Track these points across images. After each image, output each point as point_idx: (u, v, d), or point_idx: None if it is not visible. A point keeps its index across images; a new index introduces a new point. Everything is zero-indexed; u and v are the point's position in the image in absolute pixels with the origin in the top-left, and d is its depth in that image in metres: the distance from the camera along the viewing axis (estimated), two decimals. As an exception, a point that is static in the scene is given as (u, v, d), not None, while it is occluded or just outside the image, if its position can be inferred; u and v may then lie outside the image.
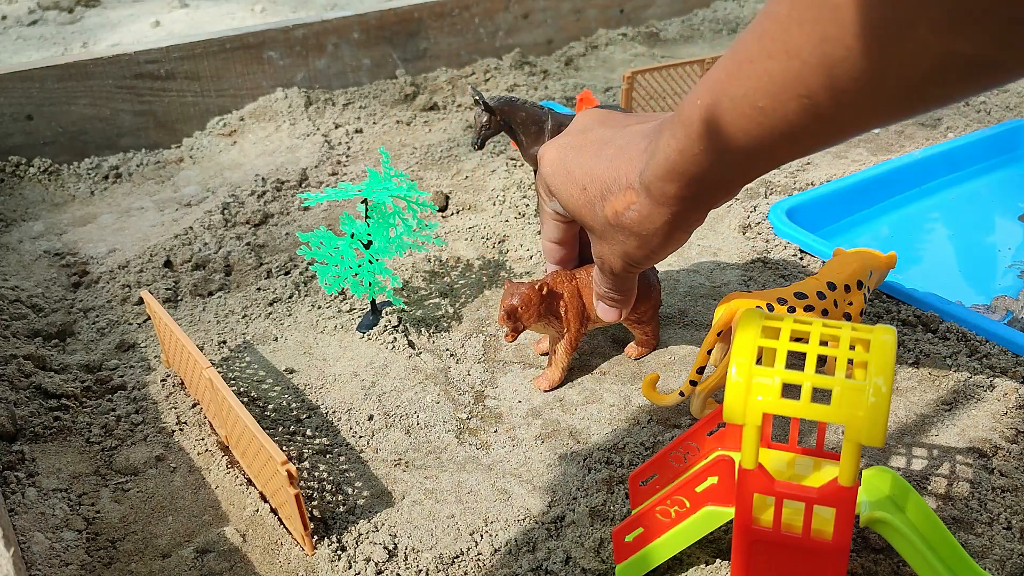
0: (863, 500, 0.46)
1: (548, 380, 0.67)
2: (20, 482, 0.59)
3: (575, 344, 0.66)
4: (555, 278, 0.64)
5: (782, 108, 0.39)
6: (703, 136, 0.44)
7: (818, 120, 0.39)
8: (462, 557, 0.53)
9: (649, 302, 0.67)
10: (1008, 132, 1.04)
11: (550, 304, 0.64)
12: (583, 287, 0.65)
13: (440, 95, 1.26)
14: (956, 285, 0.81)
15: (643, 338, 0.69)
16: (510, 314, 0.62)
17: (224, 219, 0.93)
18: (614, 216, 0.52)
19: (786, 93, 0.38)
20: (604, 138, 0.54)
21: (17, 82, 1.04)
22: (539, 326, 0.64)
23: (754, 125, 0.41)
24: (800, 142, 0.42)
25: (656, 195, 0.48)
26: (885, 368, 0.39)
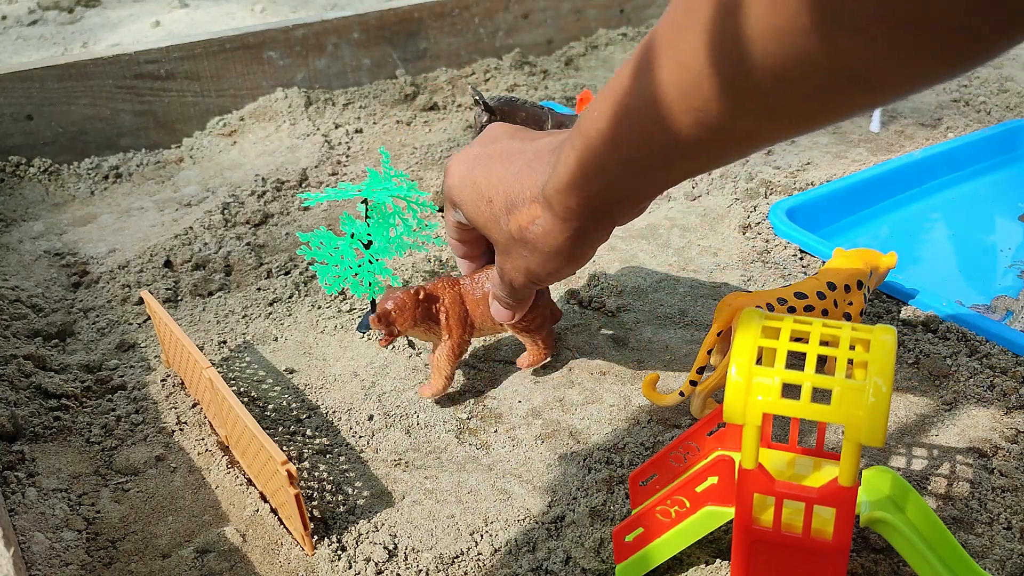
0: (863, 500, 0.46)
1: (431, 388, 0.65)
2: (20, 482, 0.59)
3: (457, 351, 0.64)
4: (436, 284, 0.63)
5: (677, 121, 0.38)
6: (601, 149, 0.42)
7: (713, 134, 0.37)
8: (462, 557, 0.53)
9: (537, 310, 0.64)
10: (1008, 132, 1.04)
11: (428, 310, 0.62)
12: (466, 294, 0.63)
13: (440, 95, 1.26)
14: (956, 285, 0.81)
15: (533, 348, 0.67)
16: (383, 318, 0.60)
17: (224, 219, 0.93)
18: (518, 230, 0.50)
19: (679, 106, 0.37)
20: (512, 150, 0.52)
21: (17, 82, 1.04)
22: (418, 332, 0.62)
23: (650, 138, 0.40)
24: (697, 157, 0.40)
25: (558, 209, 0.47)
26: (885, 368, 0.39)
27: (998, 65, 1.29)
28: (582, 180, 0.45)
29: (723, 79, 0.34)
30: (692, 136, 0.38)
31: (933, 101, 1.18)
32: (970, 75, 1.24)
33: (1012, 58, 1.32)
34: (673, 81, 0.37)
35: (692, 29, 0.35)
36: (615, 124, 0.41)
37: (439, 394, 0.65)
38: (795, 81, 0.33)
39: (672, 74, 0.37)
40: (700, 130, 0.37)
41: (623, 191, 0.45)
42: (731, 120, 0.36)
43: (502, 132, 0.56)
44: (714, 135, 0.37)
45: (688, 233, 0.88)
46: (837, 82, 0.32)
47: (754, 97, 0.34)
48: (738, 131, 0.37)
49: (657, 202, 0.95)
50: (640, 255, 0.85)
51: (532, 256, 0.51)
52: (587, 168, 0.44)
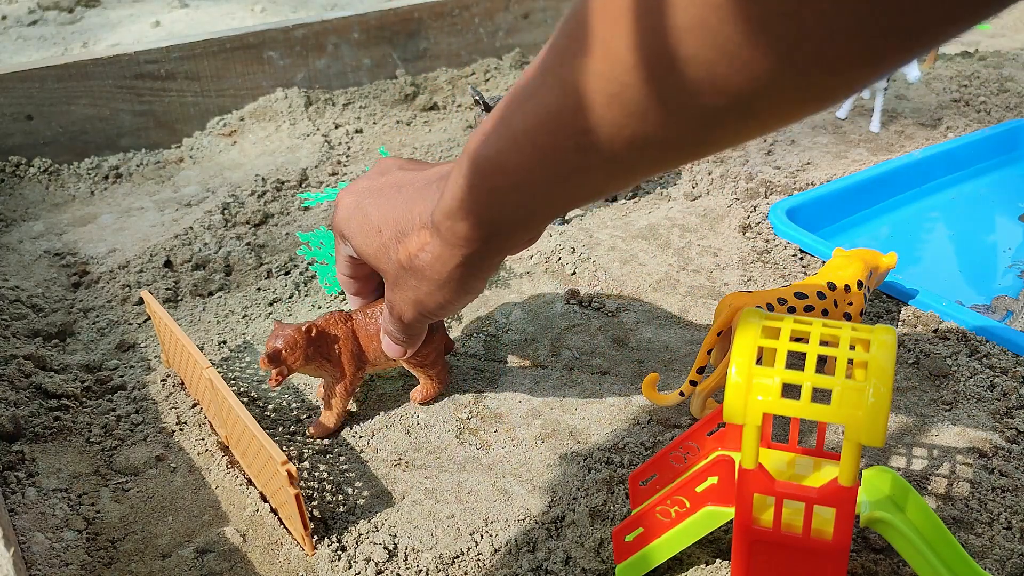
0: (863, 500, 0.46)
1: (321, 428, 0.63)
2: (20, 482, 0.59)
3: (351, 389, 0.62)
4: (327, 319, 0.61)
5: (562, 146, 0.37)
6: (489, 173, 0.41)
7: (601, 160, 0.37)
8: (462, 557, 0.53)
9: (431, 344, 0.62)
10: (1008, 132, 1.04)
11: (320, 347, 0.60)
12: (359, 329, 0.62)
13: (440, 95, 1.26)
14: (956, 285, 0.81)
15: (427, 382, 0.65)
16: (272, 357, 0.58)
17: (224, 219, 0.93)
18: (407, 259, 0.49)
19: (564, 131, 0.36)
20: (403, 180, 0.52)
21: (17, 82, 1.04)
22: (310, 369, 0.60)
23: (535, 163, 0.39)
24: (587, 184, 0.39)
25: (447, 235, 0.46)
26: (885, 368, 0.39)
27: (998, 65, 1.29)
28: (471, 204, 0.44)
29: (608, 106, 0.34)
30: (581, 163, 0.37)
31: (933, 101, 1.18)
32: (970, 75, 1.24)
33: (1012, 58, 1.32)
34: (557, 105, 0.36)
35: (577, 54, 0.34)
36: (502, 149, 0.40)
37: (330, 431, 0.63)
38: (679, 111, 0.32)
39: (557, 98, 0.36)
40: (588, 157, 0.37)
41: (513, 216, 0.44)
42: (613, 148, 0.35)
43: (393, 164, 0.55)
44: (598, 160, 0.37)
45: (688, 233, 0.88)
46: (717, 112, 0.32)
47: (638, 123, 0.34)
48: (626, 160, 0.36)
49: (657, 202, 0.95)
50: (640, 255, 0.85)
51: (421, 286, 0.50)
52: (475, 192, 0.43)
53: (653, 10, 0.30)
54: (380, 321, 0.61)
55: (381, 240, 0.51)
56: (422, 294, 0.51)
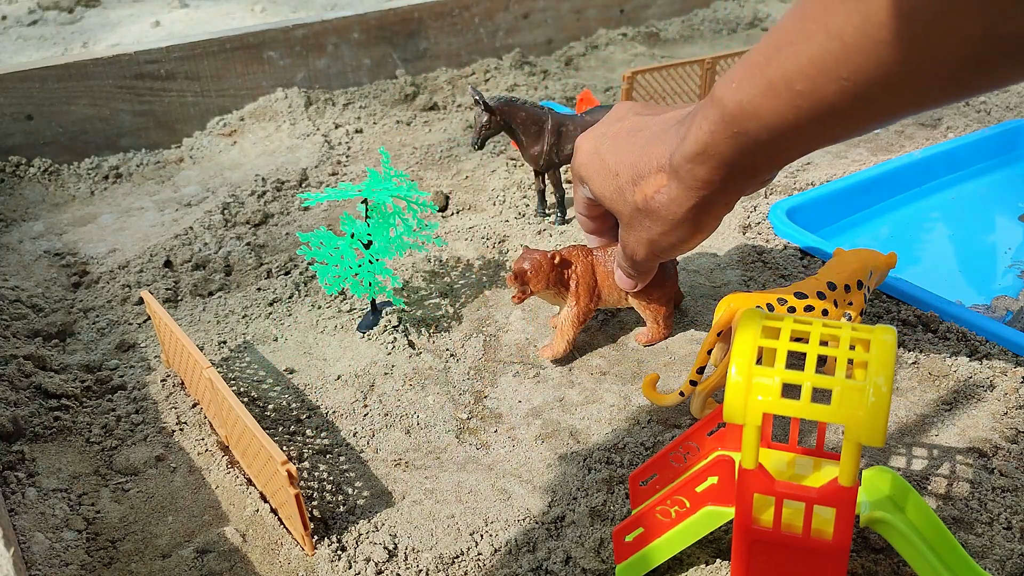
0: (863, 500, 0.46)
1: (551, 350, 0.67)
2: (20, 482, 0.59)
3: (583, 319, 0.66)
4: (571, 250, 0.65)
5: (821, 91, 0.38)
6: (737, 118, 0.43)
7: (857, 103, 0.38)
8: (462, 557, 0.53)
9: (663, 289, 0.67)
10: (1008, 132, 1.04)
11: (561, 274, 0.64)
12: (598, 264, 0.65)
13: (440, 95, 1.26)
14: (956, 285, 0.81)
15: (653, 325, 0.69)
16: (518, 276, 0.62)
17: (224, 219, 0.93)
18: (643, 201, 0.52)
19: (825, 76, 0.38)
20: (639, 125, 0.54)
21: (17, 82, 1.04)
22: (548, 294, 0.65)
23: (790, 108, 0.40)
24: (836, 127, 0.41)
25: (686, 178, 0.48)
26: (885, 368, 0.39)
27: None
28: (715, 148, 0.45)
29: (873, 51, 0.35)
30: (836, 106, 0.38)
31: (933, 101, 1.17)
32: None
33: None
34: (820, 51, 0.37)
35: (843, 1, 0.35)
36: (756, 94, 0.41)
37: (559, 356, 0.67)
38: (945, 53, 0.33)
39: (820, 45, 0.37)
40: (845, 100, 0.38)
41: (754, 160, 0.46)
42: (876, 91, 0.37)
43: (628, 109, 0.57)
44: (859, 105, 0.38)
45: (688, 233, 0.88)
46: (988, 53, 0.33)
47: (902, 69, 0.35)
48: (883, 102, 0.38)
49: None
50: (640, 255, 0.85)
51: (655, 226, 0.52)
52: (722, 137, 0.45)
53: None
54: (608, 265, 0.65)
55: (617, 183, 0.53)
56: (655, 234, 0.53)
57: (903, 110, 0.39)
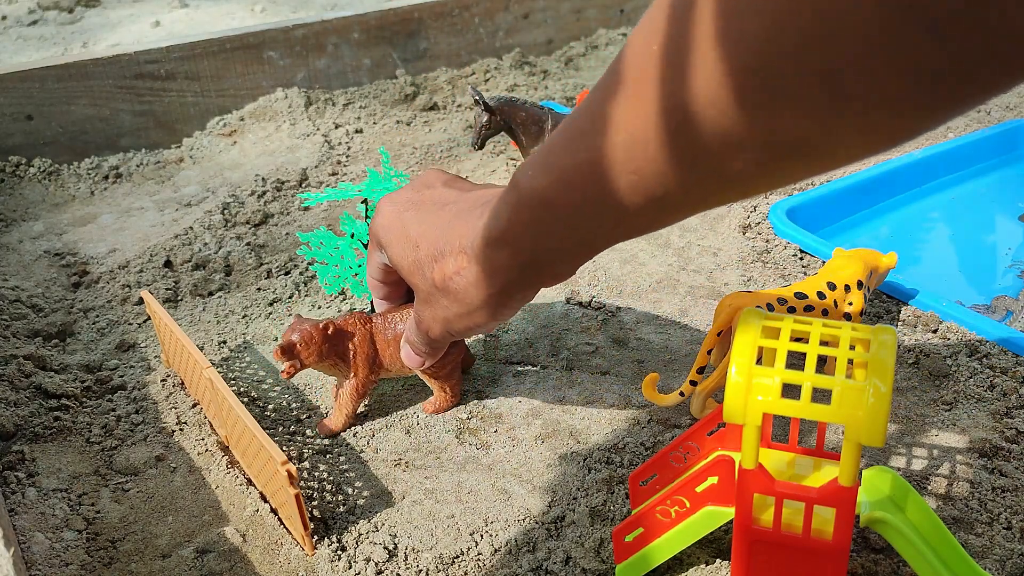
0: (863, 500, 0.46)
1: (329, 425, 0.63)
2: (20, 482, 0.59)
3: (361, 391, 0.62)
4: (347, 319, 0.61)
5: (611, 184, 0.37)
6: (535, 207, 0.42)
7: (647, 200, 0.37)
8: (462, 557, 0.53)
9: (450, 356, 0.62)
10: (1008, 132, 1.04)
11: (335, 345, 0.60)
12: (377, 333, 0.62)
13: (440, 95, 1.26)
14: (956, 285, 0.81)
15: (440, 394, 0.65)
16: (286, 350, 0.58)
17: (224, 219, 0.93)
18: (442, 280, 0.49)
19: (615, 169, 0.36)
20: (446, 199, 0.52)
21: (17, 82, 1.04)
22: (323, 367, 0.61)
23: (584, 200, 0.39)
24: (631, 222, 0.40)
25: (485, 263, 0.46)
26: (885, 368, 0.39)
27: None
28: (512, 236, 0.44)
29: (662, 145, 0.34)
30: (628, 201, 0.37)
31: (933, 101, 1.17)
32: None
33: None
34: (611, 144, 0.36)
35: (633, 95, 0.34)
36: (551, 184, 0.40)
37: (338, 430, 0.63)
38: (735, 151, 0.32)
39: (610, 137, 0.36)
40: (636, 195, 0.37)
41: (554, 250, 0.44)
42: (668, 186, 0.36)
43: (437, 178, 0.55)
44: (650, 201, 0.37)
45: (688, 233, 0.88)
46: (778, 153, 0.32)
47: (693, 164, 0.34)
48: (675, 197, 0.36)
49: (657, 202, 0.95)
50: (640, 255, 0.85)
51: (452, 307, 0.50)
52: (519, 224, 0.43)
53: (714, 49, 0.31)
54: (400, 327, 0.61)
55: (417, 256, 0.51)
56: (452, 315, 0.51)
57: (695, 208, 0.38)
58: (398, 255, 0.53)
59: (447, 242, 0.49)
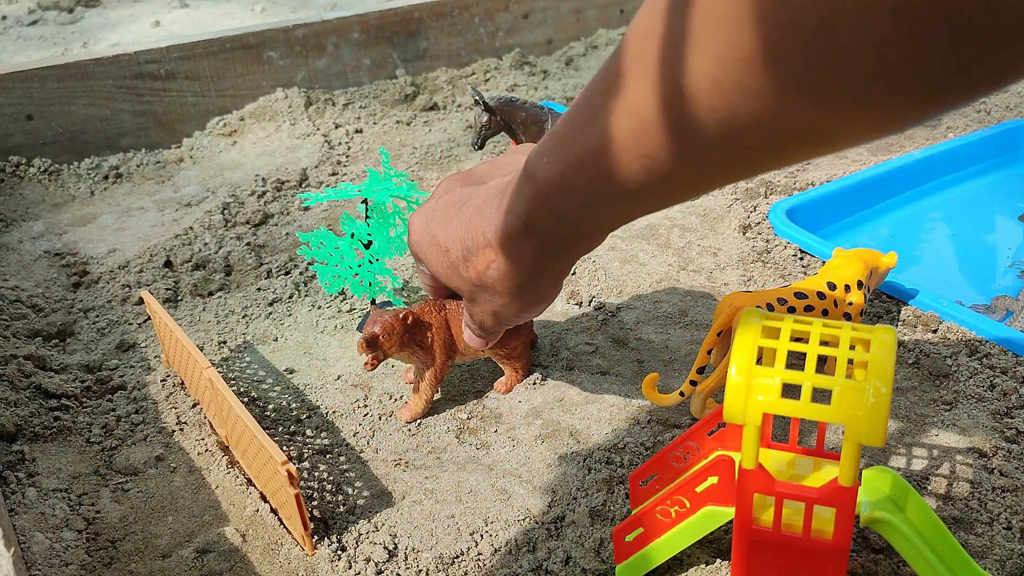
0: (863, 500, 0.46)
1: (410, 412, 0.64)
2: (20, 482, 0.59)
3: (440, 376, 0.63)
4: (423, 307, 0.62)
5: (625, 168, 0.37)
6: (553, 194, 0.42)
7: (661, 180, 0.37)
8: (462, 557, 0.53)
9: (519, 338, 0.65)
10: (1008, 132, 1.04)
11: (415, 334, 0.61)
12: (452, 318, 0.63)
13: (440, 95, 1.26)
14: (956, 285, 0.81)
15: (512, 373, 0.67)
16: (370, 342, 0.59)
17: (224, 219, 0.93)
18: (477, 276, 0.50)
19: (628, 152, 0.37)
20: (463, 198, 0.52)
21: (17, 82, 1.04)
22: (403, 355, 0.62)
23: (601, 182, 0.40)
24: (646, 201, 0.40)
25: (512, 253, 0.47)
26: (885, 368, 0.39)
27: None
28: (535, 224, 0.45)
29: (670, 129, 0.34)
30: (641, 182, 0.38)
31: (933, 101, 1.17)
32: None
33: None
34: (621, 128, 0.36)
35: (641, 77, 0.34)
36: (565, 170, 0.41)
37: (418, 416, 0.64)
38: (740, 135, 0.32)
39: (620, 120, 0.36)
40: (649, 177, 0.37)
41: (577, 232, 0.45)
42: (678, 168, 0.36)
43: (453, 182, 0.55)
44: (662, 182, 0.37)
45: (688, 233, 0.88)
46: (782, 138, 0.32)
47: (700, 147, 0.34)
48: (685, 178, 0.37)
49: (657, 202, 0.95)
50: (640, 255, 0.85)
51: (495, 299, 0.51)
52: (538, 213, 0.44)
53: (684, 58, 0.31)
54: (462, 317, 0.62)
55: (449, 260, 0.52)
56: (497, 305, 0.52)
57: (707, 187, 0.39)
58: (434, 264, 0.54)
59: (472, 240, 0.50)
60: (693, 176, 0.37)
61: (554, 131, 0.42)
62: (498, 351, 0.65)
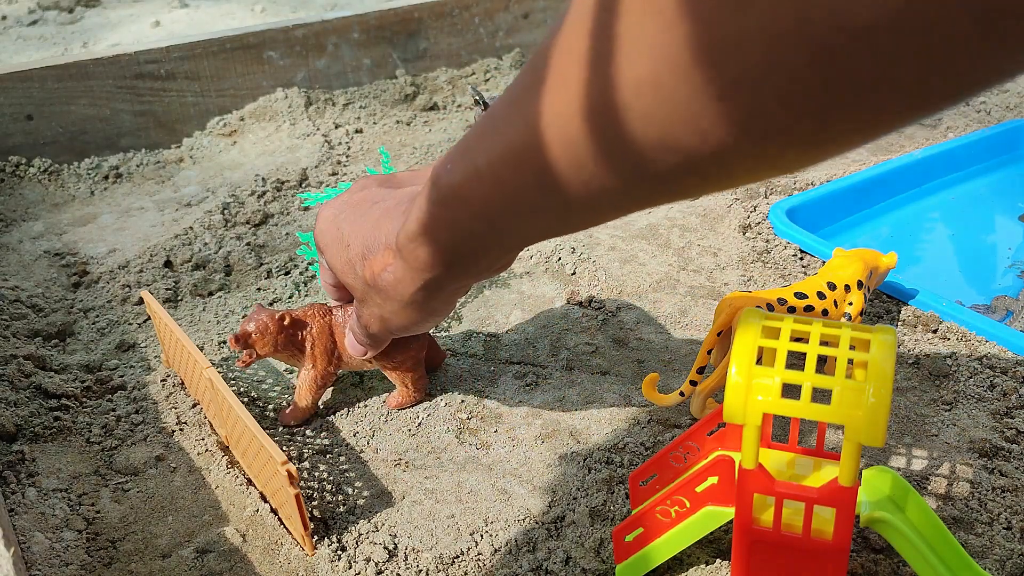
0: (863, 500, 0.46)
1: (290, 416, 0.63)
2: (20, 482, 0.59)
3: (320, 382, 0.62)
4: (307, 311, 0.61)
5: (521, 181, 0.36)
6: (451, 202, 0.41)
7: (556, 199, 0.36)
8: (462, 557, 0.53)
9: (407, 352, 0.62)
10: (1008, 132, 1.04)
11: (293, 336, 0.60)
12: (336, 325, 0.61)
13: (440, 95, 1.26)
14: (956, 285, 0.81)
15: (401, 388, 0.64)
16: (241, 339, 0.58)
17: (224, 219, 0.93)
18: (371, 277, 0.50)
19: (525, 166, 0.35)
20: (376, 197, 0.52)
21: (17, 82, 1.04)
22: (281, 356, 0.61)
23: (497, 196, 0.39)
24: (545, 221, 0.39)
25: (409, 258, 0.46)
26: (885, 368, 0.39)
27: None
28: (432, 231, 0.44)
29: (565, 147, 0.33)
30: (538, 200, 0.37)
31: (933, 101, 1.17)
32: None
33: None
34: (520, 142, 0.35)
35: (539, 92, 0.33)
36: (465, 179, 0.40)
37: (299, 420, 0.64)
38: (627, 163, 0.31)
39: (519, 134, 0.35)
40: (544, 195, 0.36)
41: (473, 245, 0.44)
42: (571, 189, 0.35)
43: (372, 181, 0.55)
44: (557, 201, 0.36)
45: (688, 233, 0.88)
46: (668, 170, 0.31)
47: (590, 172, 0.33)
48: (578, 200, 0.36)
49: (657, 202, 0.95)
50: (640, 255, 0.85)
51: (385, 304, 0.51)
52: (437, 220, 0.43)
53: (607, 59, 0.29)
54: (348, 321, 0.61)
55: (348, 255, 0.52)
56: (386, 312, 0.51)
57: (611, 213, 0.37)
58: (332, 256, 0.53)
59: (375, 239, 0.49)
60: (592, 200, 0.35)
61: (461, 139, 0.41)
62: (384, 362, 0.62)
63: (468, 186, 0.40)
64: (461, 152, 0.40)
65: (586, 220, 0.39)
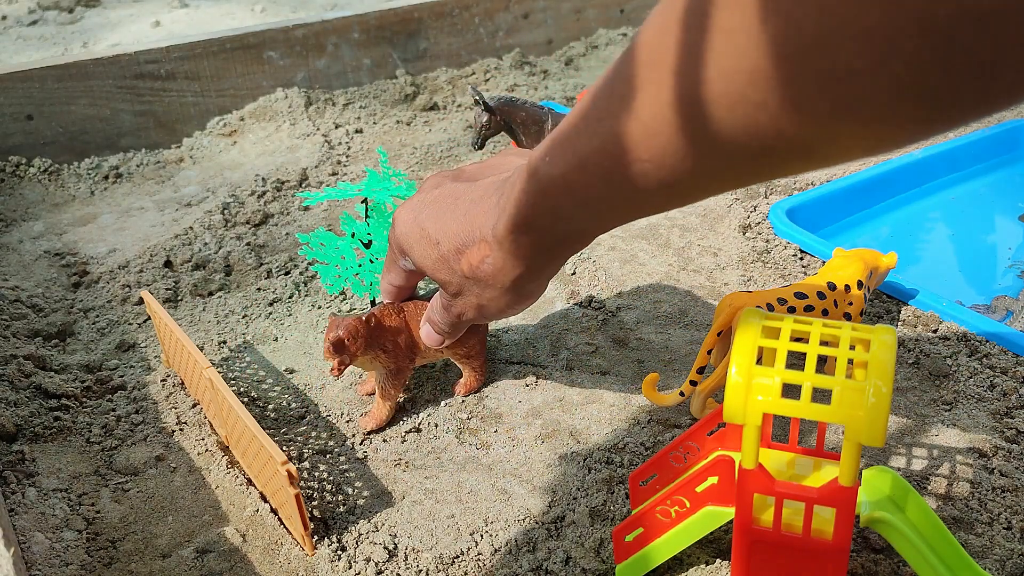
0: (863, 500, 0.46)
1: (375, 419, 0.64)
2: (20, 482, 0.59)
3: (403, 379, 0.63)
4: (383, 311, 0.62)
5: (625, 171, 0.38)
6: (553, 193, 0.43)
7: (660, 186, 0.38)
8: (462, 557, 0.53)
9: (477, 336, 0.65)
10: (1008, 132, 1.04)
11: (378, 336, 0.61)
12: (411, 320, 0.63)
13: (440, 95, 1.26)
14: (956, 285, 0.81)
15: (471, 374, 0.67)
16: (336, 347, 0.59)
17: (224, 219, 0.93)
18: (470, 269, 0.51)
19: (628, 156, 0.38)
20: (457, 192, 0.53)
21: (17, 82, 1.04)
22: (366, 360, 0.62)
23: (601, 184, 0.41)
24: (647, 205, 0.41)
25: (510, 248, 0.48)
26: (885, 368, 0.39)
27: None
28: (535, 221, 0.46)
29: (675, 136, 0.35)
30: (642, 185, 0.39)
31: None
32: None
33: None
34: (627, 132, 0.37)
35: (650, 84, 0.35)
36: (568, 170, 0.42)
37: (383, 422, 0.64)
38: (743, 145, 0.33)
39: (626, 125, 0.37)
40: (648, 182, 0.38)
41: (575, 229, 0.46)
42: (680, 175, 0.37)
43: (443, 177, 0.56)
44: (662, 186, 0.38)
45: (688, 233, 0.88)
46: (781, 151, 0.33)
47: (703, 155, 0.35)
48: (686, 184, 0.38)
49: (657, 202, 0.95)
50: (640, 255, 0.85)
51: (485, 292, 0.52)
52: (539, 210, 0.45)
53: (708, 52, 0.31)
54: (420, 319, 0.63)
55: (439, 252, 0.53)
56: (485, 299, 0.53)
57: (706, 193, 0.40)
58: (421, 256, 0.54)
59: (468, 233, 0.51)
60: (692, 182, 0.38)
61: (558, 132, 0.42)
62: (457, 350, 0.65)
63: (573, 177, 0.42)
64: (560, 144, 0.42)
65: (681, 201, 0.42)
